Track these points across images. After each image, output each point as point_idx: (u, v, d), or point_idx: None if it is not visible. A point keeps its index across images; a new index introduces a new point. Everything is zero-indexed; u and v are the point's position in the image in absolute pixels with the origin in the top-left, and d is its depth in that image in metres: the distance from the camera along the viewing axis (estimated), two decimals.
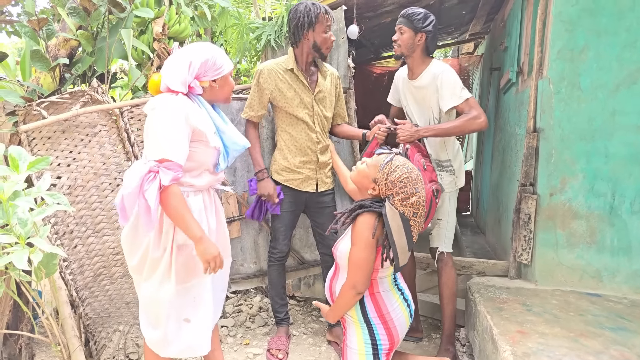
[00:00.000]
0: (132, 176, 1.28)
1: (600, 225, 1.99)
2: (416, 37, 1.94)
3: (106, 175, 2.05)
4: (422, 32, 1.93)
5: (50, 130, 1.96)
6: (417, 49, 1.97)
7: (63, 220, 1.98)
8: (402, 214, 1.27)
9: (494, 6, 3.20)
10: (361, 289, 1.33)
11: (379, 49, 4.21)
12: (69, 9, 2.06)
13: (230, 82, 1.53)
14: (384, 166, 1.33)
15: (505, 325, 1.65)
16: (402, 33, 1.96)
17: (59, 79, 2.15)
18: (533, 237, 2.09)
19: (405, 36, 1.95)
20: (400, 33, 1.97)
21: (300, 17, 1.89)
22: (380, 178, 1.32)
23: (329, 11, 1.92)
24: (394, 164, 1.32)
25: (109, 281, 2.10)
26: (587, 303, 1.88)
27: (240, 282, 2.39)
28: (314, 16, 1.87)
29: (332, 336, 2.23)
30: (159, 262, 1.42)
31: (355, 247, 1.32)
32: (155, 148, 1.32)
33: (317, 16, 1.88)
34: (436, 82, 1.94)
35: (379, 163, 1.36)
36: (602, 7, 1.90)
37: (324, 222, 2.13)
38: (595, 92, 1.95)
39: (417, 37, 1.94)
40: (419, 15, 1.93)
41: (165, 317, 1.41)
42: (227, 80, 1.51)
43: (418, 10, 1.94)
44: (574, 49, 1.96)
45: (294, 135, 2.03)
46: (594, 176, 1.98)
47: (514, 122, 2.56)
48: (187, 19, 2.37)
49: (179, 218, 1.33)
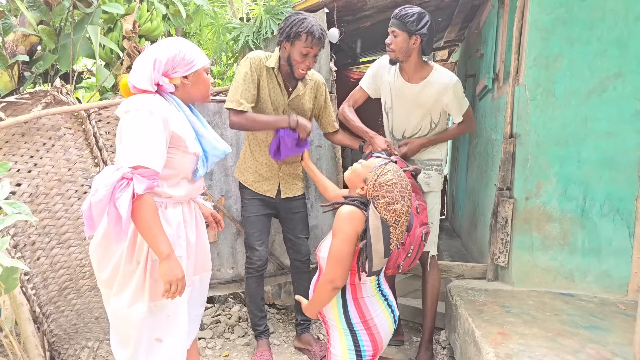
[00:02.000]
0: (103, 182, 1.18)
1: (573, 228, 2.06)
2: (410, 41, 1.81)
3: (72, 182, 1.92)
4: (417, 35, 1.79)
5: (9, 133, 1.81)
6: (413, 53, 1.85)
7: (24, 231, 1.84)
8: (383, 219, 1.26)
9: (469, 14, 3.25)
10: (338, 283, 1.31)
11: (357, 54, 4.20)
12: (29, 1, 1.91)
13: (205, 79, 1.43)
14: (377, 168, 1.32)
15: (487, 328, 1.68)
16: (395, 36, 1.82)
17: (18, 78, 1.99)
18: (510, 240, 2.13)
19: (399, 39, 1.81)
20: (394, 36, 1.82)
21: (287, 25, 1.81)
22: (370, 178, 1.31)
23: (317, 37, 1.77)
24: (387, 168, 1.32)
25: (76, 295, 1.97)
26: (561, 303, 1.94)
27: (217, 287, 2.32)
28: (295, 33, 1.77)
29: (301, 343, 2.20)
30: (132, 276, 1.33)
31: (335, 239, 1.29)
32: (130, 153, 1.22)
33: (297, 34, 1.77)
34: (447, 91, 1.93)
35: (373, 164, 1.35)
36: (575, 16, 1.96)
37: (295, 227, 2.10)
38: (569, 99, 2.01)
39: (412, 41, 1.81)
40: (413, 16, 1.77)
41: (136, 336, 1.32)
42: (201, 76, 1.41)
43: (411, 11, 1.78)
44: (548, 56, 2.01)
45: (259, 136, 1.96)
46: (567, 180, 2.04)
47: (490, 127, 2.61)
48: (159, 17, 2.26)
49: (147, 231, 1.24)
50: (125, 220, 1.18)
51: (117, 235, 1.21)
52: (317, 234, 2.44)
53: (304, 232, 2.14)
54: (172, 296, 1.28)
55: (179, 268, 1.28)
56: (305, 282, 2.18)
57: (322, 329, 2.44)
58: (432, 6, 2.90)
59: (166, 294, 1.27)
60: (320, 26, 1.81)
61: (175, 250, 1.39)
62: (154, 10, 2.21)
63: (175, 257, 1.29)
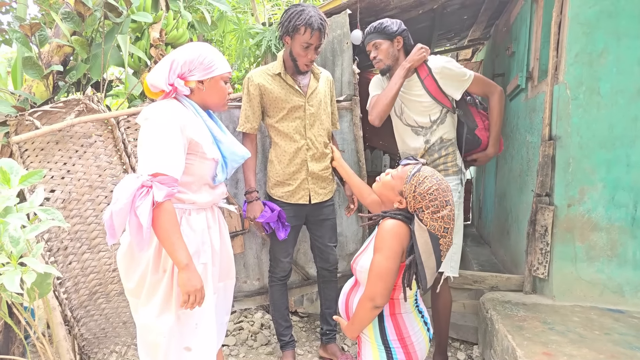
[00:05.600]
0: (123, 191, 1.18)
1: (622, 238, 1.89)
2: (394, 44, 1.89)
3: (102, 187, 1.96)
4: (398, 36, 1.87)
5: (44, 141, 1.86)
6: (399, 55, 1.91)
7: (57, 236, 1.88)
8: (431, 231, 1.17)
9: (496, 11, 3.11)
10: (380, 302, 1.22)
11: None
12: (63, 14, 1.97)
13: (222, 87, 1.40)
14: (411, 177, 1.22)
15: (529, 347, 1.56)
16: (377, 47, 1.90)
17: (52, 87, 2.05)
18: (550, 250, 1.99)
19: (383, 47, 1.88)
20: (376, 48, 1.90)
21: (286, 19, 1.76)
22: (407, 190, 1.22)
23: (316, 28, 1.71)
24: (422, 174, 1.22)
25: (105, 299, 2.00)
26: (611, 320, 1.78)
27: (243, 300, 2.29)
28: (293, 27, 1.72)
29: (327, 353, 2.13)
30: (159, 285, 1.32)
31: (379, 255, 1.20)
32: (149, 161, 1.21)
33: (296, 28, 1.72)
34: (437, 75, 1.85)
35: (405, 174, 1.25)
36: (622, 8, 1.81)
37: (324, 235, 2.03)
38: (616, 98, 1.86)
39: (395, 43, 1.89)
40: (388, 23, 1.87)
41: (166, 346, 1.30)
42: (218, 84, 1.38)
43: (385, 20, 1.89)
44: (592, 52, 1.87)
45: (283, 146, 1.90)
46: (615, 186, 1.88)
47: (524, 129, 2.46)
48: (184, 24, 2.28)
49: (166, 239, 1.22)
50: (146, 229, 1.17)
51: (139, 244, 1.20)
52: (342, 241, 2.38)
53: (333, 240, 2.08)
54: (191, 307, 1.26)
55: (197, 278, 1.25)
56: (332, 291, 2.12)
57: (346, 339, 2.36)
58: (457, 4, 2.79)
59: (184, 304, 1.25)
60: (320, 16, 1.75)
61: (200, 256, 1.37)
62: (180, 18, 2.24)
63: (194, 267, 1.26)
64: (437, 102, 1.88)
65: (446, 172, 1.93)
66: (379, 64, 1.91)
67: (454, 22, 3.38)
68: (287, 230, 1.90)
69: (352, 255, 2.41)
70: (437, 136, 1.92)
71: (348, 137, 2.33)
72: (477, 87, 1.92)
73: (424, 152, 1.95)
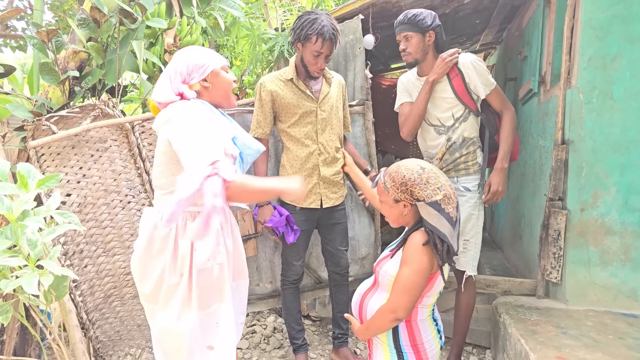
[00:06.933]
0: (189, 182, 1.14)
1: (636, 242, 1.89)
2: (425, 38, 1.83)
3: (117, 192, 1.98)
4: (431, 31, 1.82)
5: (60, 145, 1.89)
6: (429, 50, 1.86)
7: (73, 240, 1.91)
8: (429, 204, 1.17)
9: (508, 15, 3.12)
10: (402, 315, 1.22)
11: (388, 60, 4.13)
12: (79, 20, 2.00)
13: (224, 77, 1.40)
14: (384, 180, 1.26)
15: (543, 351, 1.56)
16: (408, 39, 1.84)
17: (69, 93, 2.08)
18: (563, 255, 1.99)
19: (414, 41, 1.83)
20: (407, 40, 1.84)
21: (298, 27, 1.78)
22: (392, 191, 1.24)
23: (327, 38, 1.73)
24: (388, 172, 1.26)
25: (120, 302, 2.02)
26: (624, 325, 1.77)
27: (255, 303, 2.30)
28: (305, 35, 1.74)
29: (339, 357, 2.13)
30: (176, 288, 1.33)
31: (407, 268, 1.20)
32: (201, 154, 1.18)
33: (307, 37, 1.74)
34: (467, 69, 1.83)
35: (381, 187, 1.28)
36: (635, 13, 1.81)
37: (335, 239, 2.04)
38: (629, 102, 1.85)
39: (427, 38, 1.83)
40: (422, 14, 1.80)
41: (189, 348, 1.31)
42: (219, 75, 1.39)
43: (418, 11, 1.82)
44: (605, 56, 1.87)
45: (294, 150, 1.92)
46: (629, 190, 1.88)
47: (536, 133, 2.46)
48: (198, 30, 2.31)
49: (262, 194, 1.30)
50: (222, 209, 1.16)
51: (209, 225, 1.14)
52: (354, 244, 2.38)
53: (344, 244, 2.09)
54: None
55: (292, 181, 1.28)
56: (343, 294, 2.13)
57: (358, 343, 2.36)
58: (469, 8, 2.80)
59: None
60: (332, 25, 1.76)
61: (216, 257, 1.37)
62: (194, 24, 2.27)
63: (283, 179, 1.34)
64: (462, 103, 1.88)
65: (467, 171, 1.92)
66: (407, 57, 1.88)
67: (466, 27, 3.39)
68: (297, 234, 1.92)
69: (364, 259, 2.42)
70: (459, 134, 1.90)
71: (360, 142, 2.34)
72: (496, 97, 1.90)
73: (445, 150, 1.94)
